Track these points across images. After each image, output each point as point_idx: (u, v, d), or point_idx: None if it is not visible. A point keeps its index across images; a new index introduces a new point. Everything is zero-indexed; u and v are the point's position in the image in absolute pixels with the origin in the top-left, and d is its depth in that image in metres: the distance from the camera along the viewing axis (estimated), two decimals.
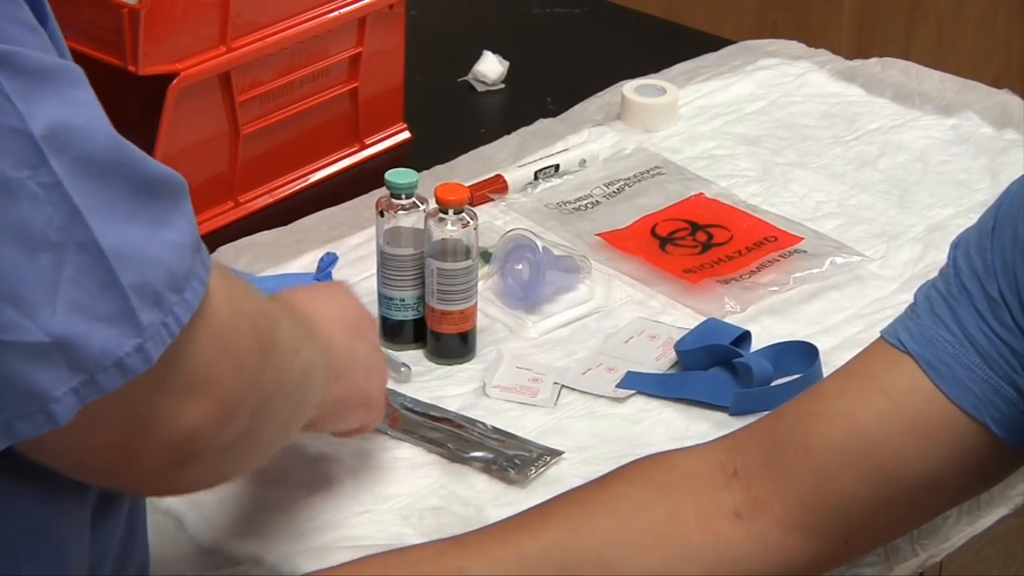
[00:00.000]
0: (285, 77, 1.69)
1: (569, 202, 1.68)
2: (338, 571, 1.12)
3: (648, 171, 1.73)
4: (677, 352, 1.45)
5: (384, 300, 1.48)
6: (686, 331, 1.47)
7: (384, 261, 1.47)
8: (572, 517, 1.13)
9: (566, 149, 1.75)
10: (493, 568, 1.10)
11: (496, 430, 1.38)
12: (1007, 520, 1.40)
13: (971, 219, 1.18)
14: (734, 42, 2.01)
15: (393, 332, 1.48)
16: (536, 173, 1.71)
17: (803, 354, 1.43)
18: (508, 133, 1.80)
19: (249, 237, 1.62)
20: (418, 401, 1.41)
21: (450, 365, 1.46)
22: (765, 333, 1.48)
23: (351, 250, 1.59)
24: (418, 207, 1.45)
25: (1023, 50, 3.03)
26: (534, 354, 1.48)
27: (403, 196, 1.45)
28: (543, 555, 1.11)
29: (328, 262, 1.54)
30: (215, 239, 1.61)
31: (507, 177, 1.69)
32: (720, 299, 1.53)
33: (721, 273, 1.57)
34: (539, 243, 1.52)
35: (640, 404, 1.42)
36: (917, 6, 3.09)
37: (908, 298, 1.17)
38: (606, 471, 1.18)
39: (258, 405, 0.96)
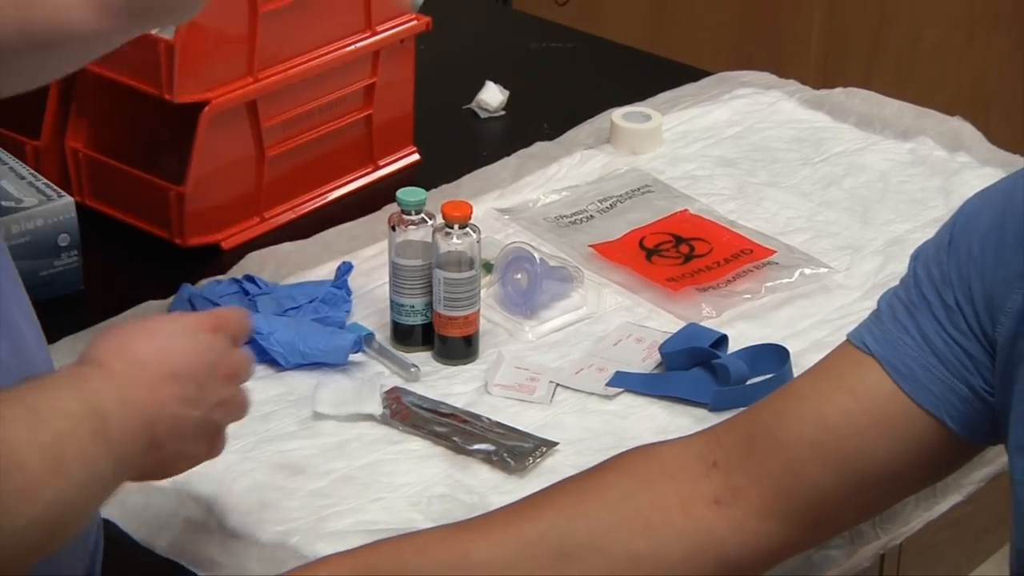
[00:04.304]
0: (306, 105, 1.68)
1: (566, 216, 1.67)
2: (355, 553, 1.12)
3: (638, 189, 1.72)
4: (661, 354, 1.44)
5: (396, 306, 1.47)
6: (669, 335, 1.46)
7: (396, 271, 1.46)
8: (567, 504, 1.12)
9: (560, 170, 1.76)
10: (495, 551, 1.09)
11: (497, 424, 1.37)
12: (960, 506, 1.40)
13: (927, 234, 1.17)
14: (712, 73, 2.00)
15: (404, 335, 1.48)
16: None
17: (775, 356, 1.43)
18: (508, 155, 1.80)
19: (274, 247, 1.62)
20: (426, 398, 1.40)
21: (455, 365, 1.46)
22: (741, 337, 1.47)
23: (366, 261, 1.58)
24: (426, 222, 1.45)
25: (972, 82, 3.03)
26: (531, 355, 1.47)
27: (413, 212, 1.45)
28: (541, 539, 1.10)
29: (344, 270, 1.53)
30: (243, 251, 1.61)
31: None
32: (698, 305, 1.53)
33: (700, 282, 1.56)
34: (536, 255, 1.52)
35: (628, 401, 1.42)
36: (877, 41, 3.09)
37: (870, 305, 1.16)
38: (597, 462, 1.18)
39: None
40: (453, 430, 1.36)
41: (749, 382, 1.41)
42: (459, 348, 1.46)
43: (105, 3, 1.17)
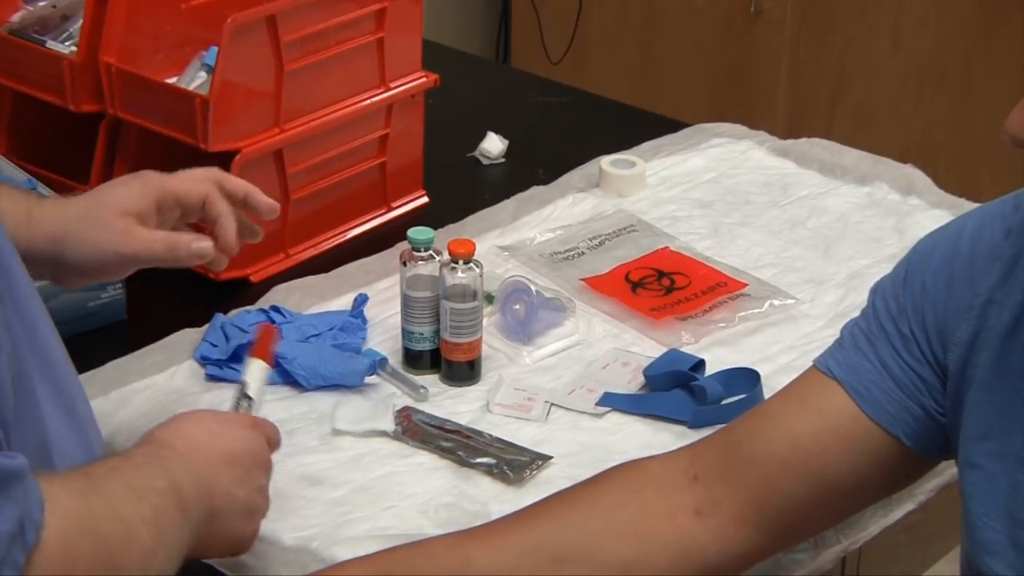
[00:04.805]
0: (327, 153, 1.68)
1: (559, 252, 1.67)
2: (371, 558, 1.11)
3: (624, 228, 1.71)
4: (645, 376, 1.43)
5: (407, 333, 1.46)
6: (652, 359, 1.45)
7: (406, 302, 1.46)
8: (562, 514, 1.11)
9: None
10: (496, 557, 1.08)
11: (497, 440, 1.36)
12: (914, 514, 1.39)
13: (883, 269, 1.17)
14: (690, 125, 2.00)
15: (414, 360, 1.47)
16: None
17: (748, 378, 1.42)
18: (507, 198, 1.79)
19: (298, 280, 1.61)
20: (434, 416, 1.39)
21: (460, 387, 1.45)
22: (716, 361, 1.46)
23: (380, 293, 1.57)
24: (434, 258, 1.44)
25: (921, 134, 3.03)
26: (529, 378, 1.46)
27: (422, 249, 1.44)
28: (538, 546, 1.09)
29: (361, 301, 1.53)
30: (270, 283, 1.60)
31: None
32: (678, 333, 1.52)
33: (680, 312, 1.55)
34: (533, 287, 1.52)
35: (615, 419, 1.41)
36: (837, 97, 3.10)
37: (833, 333, 1.16)
38: (587, 474, 1.17)
39: None
40: (458, 445, 1.35)
41: (724, 402, 1.40)
42: (463, 371, 1.45)
43: (29, 225, 1.17)
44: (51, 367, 1.00)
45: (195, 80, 1.67)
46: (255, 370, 1.19)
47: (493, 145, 1.91)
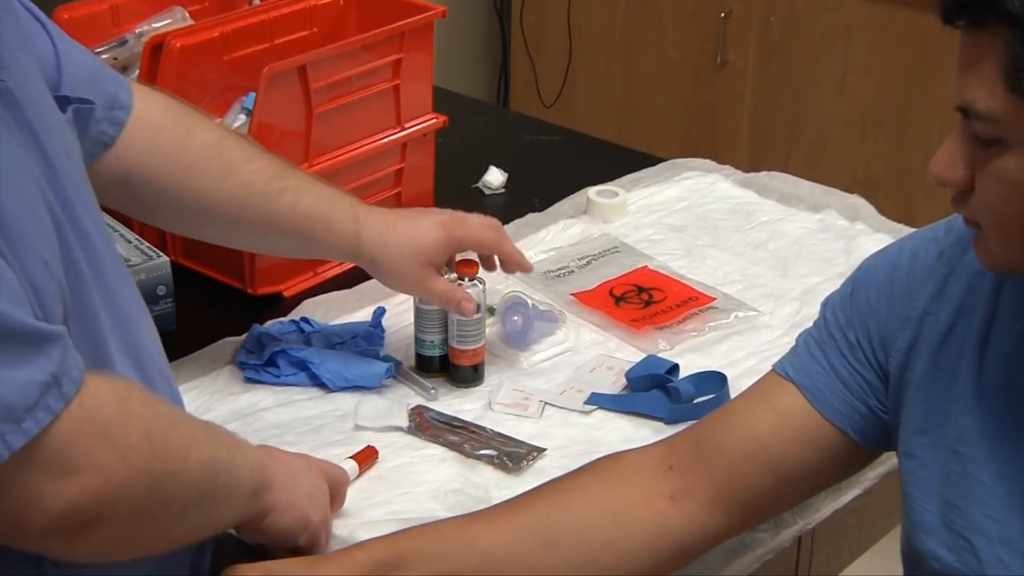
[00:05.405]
0: (350, 184, 1.67)
1: (552, 271, 1.66)
2: (386, 539, 1.10)
3: (609, 249, 1.71)
4: (627, 378, 1.43)
5: (419, 341, 1.46)
6: (633, 363, 1.45)
7: (419, 313, 1.45)
8: (553, 500, 1.11)
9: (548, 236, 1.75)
10: (497, 536, 1.08)
11: (498, 434, 1.36)
12: (860, 498, 1.38)
13: (834, 285, 1.17)
14: (666, 160, 2.00)
15: (425, 364, 1.46)
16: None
17: (716, 380, 1.42)
18: (507, 224, 1.78)
19: (325, 295, 1.60)
20: (443, 414, 1.39)
21: (465, 388, 1.44)
22: (689, 365, 1.46)
23: (396, 306, 1.57)
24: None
25: (865, 168, 3.03)
26: (526, 380, 1.46)
27: None
28: (533, 527, 1.09)
29: (379, 314, 1.52)
30: (300, 298, 1.60)
31: None
32: (656, 341, 1.51)
33: (658, 322, 1.55)
34: (529, 301, 1.51)
35: (601, 416, 1.40)
36: (793, 136, 3.10)
37: (790, 341, 1.16)
38: (577, 465, 1.17)
39: (151, 487, 0.87)
40: (464, 439, 1.35)
41: (696, 401, 1.39)
42: (469, 374, 1.45)
43: (355, 240, 1.31)
44: (125, 323, 1.00)
45: (236, 121, 1.67)
46: (347, 466, 1.25)
47: (494, 177, 1.91)
